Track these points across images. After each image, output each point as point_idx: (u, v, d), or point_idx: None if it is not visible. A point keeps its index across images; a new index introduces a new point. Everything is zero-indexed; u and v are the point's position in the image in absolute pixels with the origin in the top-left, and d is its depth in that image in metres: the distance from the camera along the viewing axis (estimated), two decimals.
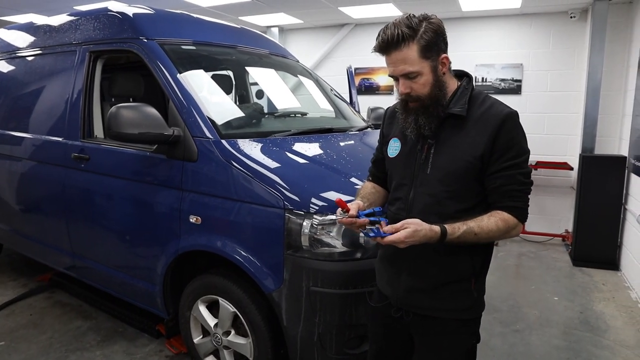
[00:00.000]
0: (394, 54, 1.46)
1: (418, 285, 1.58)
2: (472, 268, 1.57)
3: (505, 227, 1.47)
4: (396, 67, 1.47)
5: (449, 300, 1.57)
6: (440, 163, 1.53)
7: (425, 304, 1.58)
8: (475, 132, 1.49)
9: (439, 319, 1.58)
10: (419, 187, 1.56)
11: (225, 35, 3.33)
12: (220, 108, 2.83)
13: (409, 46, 1.43)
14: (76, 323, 3.40)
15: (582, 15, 5.42)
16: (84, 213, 3.06)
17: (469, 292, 1.58)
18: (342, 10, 5.77)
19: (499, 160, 1.47)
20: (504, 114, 1.48)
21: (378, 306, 1.74)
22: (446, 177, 1.51)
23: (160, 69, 2.61)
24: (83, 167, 2.98)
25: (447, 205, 1.51)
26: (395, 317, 1.66)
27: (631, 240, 4.44)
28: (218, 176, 2.35)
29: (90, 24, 3.06)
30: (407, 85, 1.49)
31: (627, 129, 4.71)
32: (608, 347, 3.22)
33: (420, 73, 1.47)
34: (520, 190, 1.49)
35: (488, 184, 1.51)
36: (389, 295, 1.67)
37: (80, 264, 3.24)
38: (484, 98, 1.55)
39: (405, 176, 1.61)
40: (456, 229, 1.43)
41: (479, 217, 1.47)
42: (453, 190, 1.51)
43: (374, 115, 3.92)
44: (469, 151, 1.48)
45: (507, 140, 1.47)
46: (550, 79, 5.67)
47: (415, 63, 1.45)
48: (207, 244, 2.38)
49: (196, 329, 2.67)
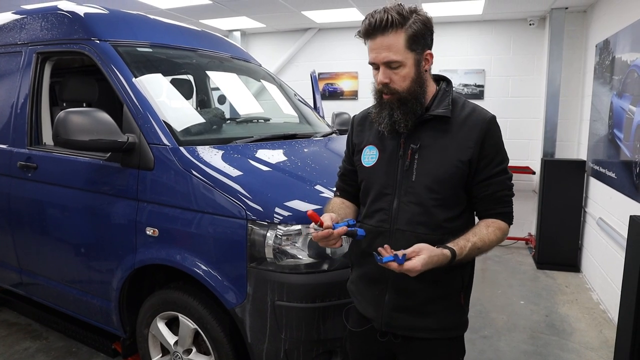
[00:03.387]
0: (379, 39, 1.37)
1: (405, 303, 1.48)
2: (462, 281, 1.50)
3: (501, 236, 1.44)
4: (379, 53, 1.38)
5: (439, 319, 1.48)
6: (427, 169, 1.44)
7: (415, 324, 1.48)
8: (462, 135, 1.43)
9: (428, 339, 1.50)
10: (404, 196, 1.46)
11: (184, 37, 3.19)
12: (178, 114, 2.70)
13: (396, 33, 1.35)
14: (24, 344, 3.17)
15: (541, 22, 5.56)
16: (31, 226, 2.85)
17: (459, 308, 1.52)
18: (306, 15, 5.71)
19: (488, 166, 1.43)
20: (489, 118, 1.44)
21: (358, 331, 1.62)
22: (434, 184, 1.43)
23: (113, 72, 2.45)
24: (30, 176, 2.78)
25: (435, 214, 1.43)
26: (381, 342, 1.55)
27: (591, 242, 4.54)
28: (176, 185, 2.21)
29: (38, 23, 2.87)
30: (387, 75, 1.40)
31: (586, 133, 4.84)
32: (574, 350, 3.25)
33: (402, 64, 1.38)
34: (509, 195, 1.47)
35: (478, 192, 1.46)
36: (373, 318, 1.55)
37: (28, 281, 3.01)
38: (464, 102, 1.50)
39: (387, 185, 1.50)
40: (464, 248, 1.35)
41: (477, 230, 1.42)
42: (441, 198, 1.43)
43: (338, 120, 3.85)
44: (457, 155, 1.42)
45: (494, 145, 1.43)
46: (512, 85, 5.78)
47: (400, 52, 1.37)
48: (165, 258, 2.24)
49: (155, 348, 2.52)
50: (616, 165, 3.78)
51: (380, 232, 1.48)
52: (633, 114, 3.45)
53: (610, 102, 3.99)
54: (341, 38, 6.45)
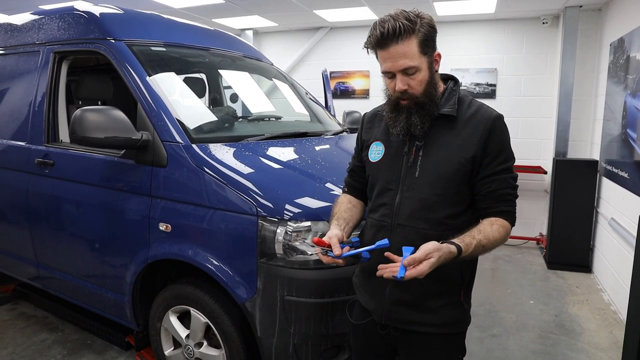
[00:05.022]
0: (393, 48, 1.38)
1: (405, 297, 1.50)
2: (461, 277, 1.52)
3: (505, 234, 1.45)
4: (395, 62, 1.39)
5: (437, 314, 1.50)
6: (431, 165, 1.46)
7: (414, 319, 1.51)
8: (466, 133, 1.45)
9: (427, 334, 1.52)
10: (407, 191, 1.49)
11: (197, 37, 3.24)
12: (191, 112, 2.75)
13: (409, 40, 1.37)
14: (41, 336, 3.25)
15: (554, 21, 5.51)
16: (48, 221, 2.93)
17: (458, 305, 1.53)
18: (317, 14, 5.74)
19: (491, 163, 1.44)
20: (494, 117, 1.46)
21: (360, 324, 1.66)
22: (437, 180, 1.45)
23: (128, 71, 2.51)
24: (47, 172, 2.85)
25: (437, 210, 1.46)
26: (381, 334, 1.58)
27: (603, 242, 4.51)
28: (189, 182, 2.26)
29: (55, 23, 2.94)
30: (405, 81, 1.42)
31: (599, 133, 4.80)
32: (583, 350, 3.24)
33: (419, 69, 1.41)
34: (512, 194, 1.48)
35: (481, 189, 1.47)
36: (373, 310, 1.58)
37: (45, 274, 3.09)
38: (471, 101, 1.52)
39: (390, 180, 1.53)
40: (469, 245, 1.36)
41: (481, 227, 1.43)
42: (443, 194, 1.45)
43: (349, 119, 3.87)
44: (460, 152, 1.44)
45: (498, 143, 1.45)
46: (524, 84, 5.75)
47: (415, 58, 1.39)
48: (178, 253, 2.29)
49: (167, 341, 2.57)
50: (629, 165, 3.75)
51: (382, 226, 1.52)
52: None
53: (624, 101, 3.96)
54: (353, 37, 6.46)
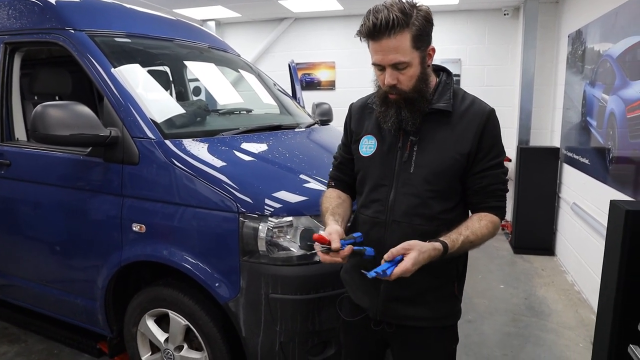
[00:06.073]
0: (385, 41, 1.33)
1: (400, 293, 1.48)
2: (456, 270, 1.52)
3: (493, 229, 1.44)
4: (386, 55, 1.35)
5: (433, 308, 1.49)
6: (426, 161, 1.43)
7: (409, 314, 1.49)
8: (461, 128, 1.43)
9: (422, 328, 1.50)
10: (401, 187, 1.46)
11: (162, 27, 3.09)
12: (161, 106, 2.62)
13: (402, 34, 1.32)
14: (1, 349, 3.05)
15: (515, 12, 5.65)
16: (6, 225, 2.74)
17: (452, 297, 1.53)
18: (282, 4, 5.64)
19: (484, 159, 1.43)
20: (488, 111, 1.45)
21: (352, 320, 1.63)
22: (432, 176, 1.43)
23: (92, 63, 2.36)
24: (3, 173, 2.66)
25: (432, 206, 1.44)
26: (374, 330, 1.56)
27: (565, 227, 4.68)
28: (163, 180, 2.15)
29: (4, 11, 2.72)
30: (394, 76, 1.38)
31: (559, 121, 4.97)
32: (553, 330, 3.35)
33: (409, 64, 1.36)
34: (503, 190, 1.47)
35: (473, 184, 1.46)
36: (367, 307, 1.55)
37: (3, 282, 2.90)
38: (464, 94, 1.51)
39: (384, 176, 1.49)
40: (456, 242, 1.35)
41: (469, 223, 1.41)
42: (438, 190, 1.43)
43: (319, 111, 3.81)
44: (455, 148, 1.42)
45: (492, 138, 1.44)
46: (487, 74, 5.87)
47: (407, 53, 1.34)
48: (153, 254, 2.19)
49: (144, 346, 2.46)
50: (589, 152, 3.89)
51: (377, 222, 1.48)
52: (606, 103, 3.55)
53: (583, 90, 4.10)
54: (318, 27, 6.40)
